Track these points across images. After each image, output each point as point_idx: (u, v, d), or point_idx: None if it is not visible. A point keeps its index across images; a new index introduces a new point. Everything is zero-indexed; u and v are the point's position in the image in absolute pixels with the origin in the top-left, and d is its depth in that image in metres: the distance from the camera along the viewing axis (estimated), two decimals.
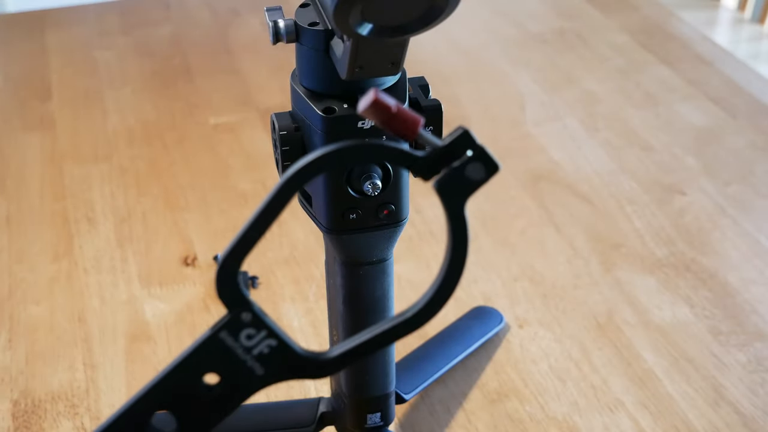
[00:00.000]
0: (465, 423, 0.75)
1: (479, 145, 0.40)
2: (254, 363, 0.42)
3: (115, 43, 1.32)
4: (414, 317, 0.42)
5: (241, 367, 0.42)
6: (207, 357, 0.42)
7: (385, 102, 0.39)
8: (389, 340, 0.42)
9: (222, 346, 0.42)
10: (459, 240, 0.40)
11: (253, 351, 0.42)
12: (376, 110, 0.39)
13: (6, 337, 0.84)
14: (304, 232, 0.94)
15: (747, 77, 1.20)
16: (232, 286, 0.41)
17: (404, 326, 0.42)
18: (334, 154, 0.40)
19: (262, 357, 0.42)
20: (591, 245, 0.93)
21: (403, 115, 0.39)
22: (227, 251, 0.40)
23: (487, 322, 0.83)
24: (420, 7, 0.47)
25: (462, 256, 0.41)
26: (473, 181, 0.40)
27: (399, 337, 0.42)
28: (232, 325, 0.42)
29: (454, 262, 0.41)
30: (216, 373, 0.42)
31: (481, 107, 1.16)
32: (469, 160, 0.40)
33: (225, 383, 0.42)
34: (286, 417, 0.72)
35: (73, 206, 1.00)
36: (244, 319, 0.42)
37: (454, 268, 0.41)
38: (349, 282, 0.61)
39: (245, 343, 0.42)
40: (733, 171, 1.03)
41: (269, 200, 0.40)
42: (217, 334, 0.42)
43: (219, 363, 0.42)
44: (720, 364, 0.80)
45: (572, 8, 1.39)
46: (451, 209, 0.40)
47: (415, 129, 0.40)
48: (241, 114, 1.15)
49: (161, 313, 0.86)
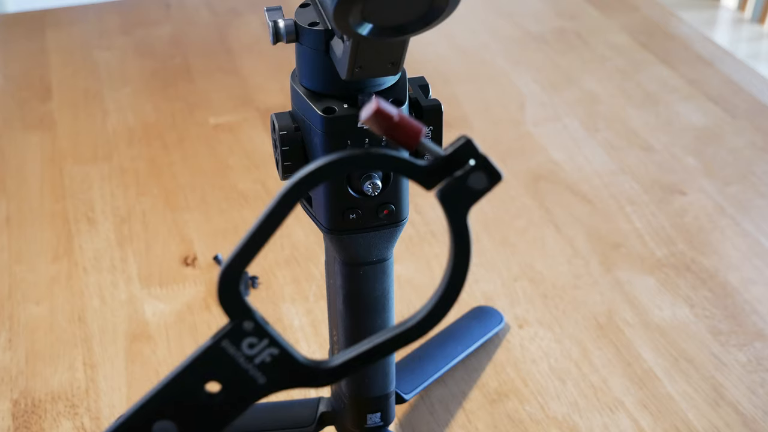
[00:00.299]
0: (465, 423, 0.75)
1: (482, 154, 0.40)
2: (256, 372, 0.42)
3: (115, 43, 1.32)
4: (416, 326, 0.42)
5: (243, 376, 0.42)
6: (209, 366, 0.42)
7: (387, 111, 0.39)
8: (390, 349, 0.42)
9: (224, 355, 0.42)
10: (461, 249, 0.40)
11: (255, 360, 0.42)
12: (378, 120, 0.39)
13: (6, 337, 0.84)
14: (304, 232, 0.94)
15: (747, 77, 1.20)
16: (234, 294, 0.41)
17: (406, 336, 0.42)
18: (336, 163, 0.40)
19: (264, 366, 0.42)
20: (591, 245, 0.93)
21: (405, 124, 0.39)
22: (229, 260, 0.40)
23: (487, 322, 0.83)
24: (420, 7, 0.47)
25: (464, 266, 0.41)
26: (476, 190, 0.40)
27: (400, 346, 0.42)
28: (234, 334, 0.42)
29: (456, 271, 0.41)
30: (218, 382, 0.42)
31: (481, 107, 1.16)
32: (472, 169, 0.40)
33: (227, 392, 0.42)
34: (286, 417, 0.72)
35: (73, 206, 1.00)
36: (246, 328, 0.42)
37: (457, 277, 0.41)
38: (349, 282, 0.61)
39: (247, 352, 0.42)
40: (733, 171, 1.03)
41: (271, 209, 0.40)
42: (218, 343, 0.42)
43: (221, 372, 0.42)
44: (720, 364, 0.80)
45: (572, 8, 1.39)
46: (454, 219, 0.40)
47: (417, 138, 0.40)
48: (241, 114, 1.15)
49: (161, 313, 0.86)
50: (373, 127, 0.39)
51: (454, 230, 0.40)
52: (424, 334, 0.42)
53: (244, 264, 0.40)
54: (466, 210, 0.40)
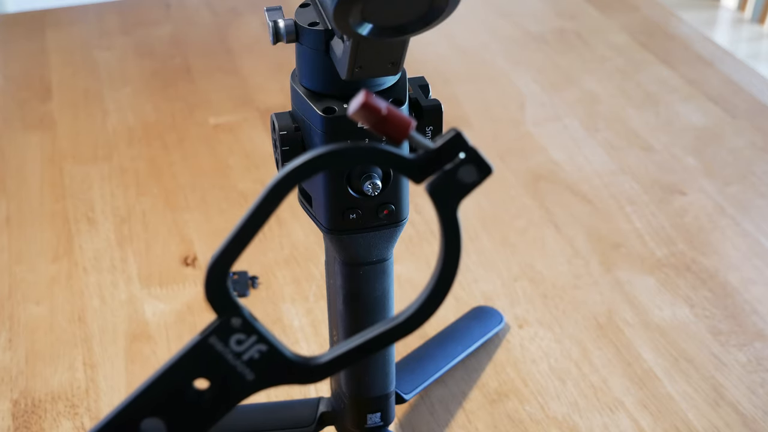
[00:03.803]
0: (465, 423, 0.75)
1: (472, 147, 0.39)
2: (244, 368, 0.42)
3: (115, 43, 1.32)
4: (406, 321, 0.41)
5: (232, 372, 0.42)
6: (196, 362, 0.42)
7: (375, 104, 0.39)
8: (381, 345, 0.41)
9: (212, 352, 0.41)
10: (452, 243, 0.40)
11: (243, 356, 0.41)
12: (365, 113, 0.39)
13: (6, 337, 0.84)
14: (304, 232, 0.94)
15: (747, 77, 1.20)
16: (222, 290, 0.41)
17: (396, 331, 0.41)
18: (323, 157, 0.39)
19: (253, 362, 0.42)
20: (591, 245, 0.93)
21: (393, 117, 0.39)
22: (216, 255, 0.40)
23: (487, 322, 0.83)
24: (420, 7, 0.47)
25: (455, 260, 0.40)
26: (466, 183, 0.40)
27: (390, 342, 0.41)
28: (221, 331, 0.41)
29: (446, 265, 0.40)
30: (206, 379, 0.42)
31: (481, 107, 1.16)
32: (462, 162, 0.39)
33: (215, 389, 0.42)
34: (286, 417, 0.72)
35: (73, 206, 1.00)
36: (234, 324, 0.41)
37: (447, 271, 0.40)
38: (349, 282, 0.61)
39: (235, 349, 0.41)
40: (733, 171, 1.03)
41: (258, 204, 0.39)
42: (206, 340, 0.41)
43: (209, 368, 0.42)
44: (720, 364, 0.80)
45: (572, 8, 1.39)
46: (444, 212, 0.40)
47: (405, 131, 0.39)
48: (241, 114, 1.15)
49: (161, 313, 0.86)
50: (361, 121, 0.39)
51: (445, 224, 0.40)
52: (415, 330, 0.41)
53: (231, 259, 0.40)
54: (456, 203, 0.40)
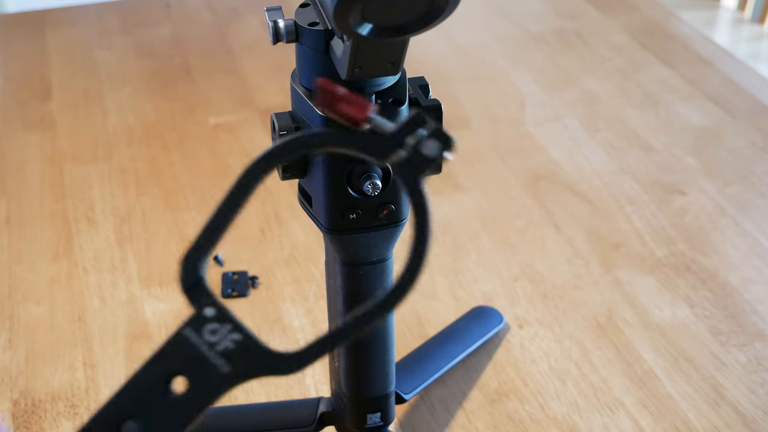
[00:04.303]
0: (465, 423, 0.75)
1: (433, 123, 0.41)
2: (219, 359, 0.41)
3: (115, 43, 1.32)
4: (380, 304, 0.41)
5: (207, 364, 0.41)
6: (172, 357, 0.41)
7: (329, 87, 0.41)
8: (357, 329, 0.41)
9: (186, 344, 0.41)
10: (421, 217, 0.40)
11: (218, 347, 0.41)
12: (322, 95, 0.41)
13: (6, 337, 0.84)
14: (304, 232, 0.94)
15: (747, 77, 1.20)
16: (196, 280, 0.40)
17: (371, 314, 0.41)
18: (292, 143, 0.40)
19: (228, 352, 0.41)
20: (591, 245, 0.93)
21: (349, 97, 0.41)
22: (191, 245, 0.40)
23: (487, 322, 0.83)
24: (420, 7, 0.47)
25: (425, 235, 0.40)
26: (430, 157, 0.41)
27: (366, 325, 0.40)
28: (195, 321, 0.41)
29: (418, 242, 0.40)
30: (183, 375, 0.41)
31: (481, 107, 1.16)
32: (425, 137, 0.41)
33: (192, 384, 0.41)
34: (286, 417, 0.72)
35: (73, 206, 1.00)
36: (208, 314, 0.41)
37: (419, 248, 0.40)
38: (349, 282, 0.61)
39: (209, 339, 0.41)
40: (733, 171, 1.03)
41: (230, 192, 0.40)
42: (180, 332, 0.41)
43: (184, 363, 0.41)
44: (720, 364, 0.80)
45: (572, 8, 1.39)
46: (409, 184, 0.40)
47: (363, 112, 0.41)
48: (241, 114, 1.15)
49: (161, 313, 0.86)
50: (320, 105, 0.41)
51: (412, 196, 0.40)
52: (389, 311, 0.41)
53: (207, 248, 0.40)
54: (419, 175, 0.40)
